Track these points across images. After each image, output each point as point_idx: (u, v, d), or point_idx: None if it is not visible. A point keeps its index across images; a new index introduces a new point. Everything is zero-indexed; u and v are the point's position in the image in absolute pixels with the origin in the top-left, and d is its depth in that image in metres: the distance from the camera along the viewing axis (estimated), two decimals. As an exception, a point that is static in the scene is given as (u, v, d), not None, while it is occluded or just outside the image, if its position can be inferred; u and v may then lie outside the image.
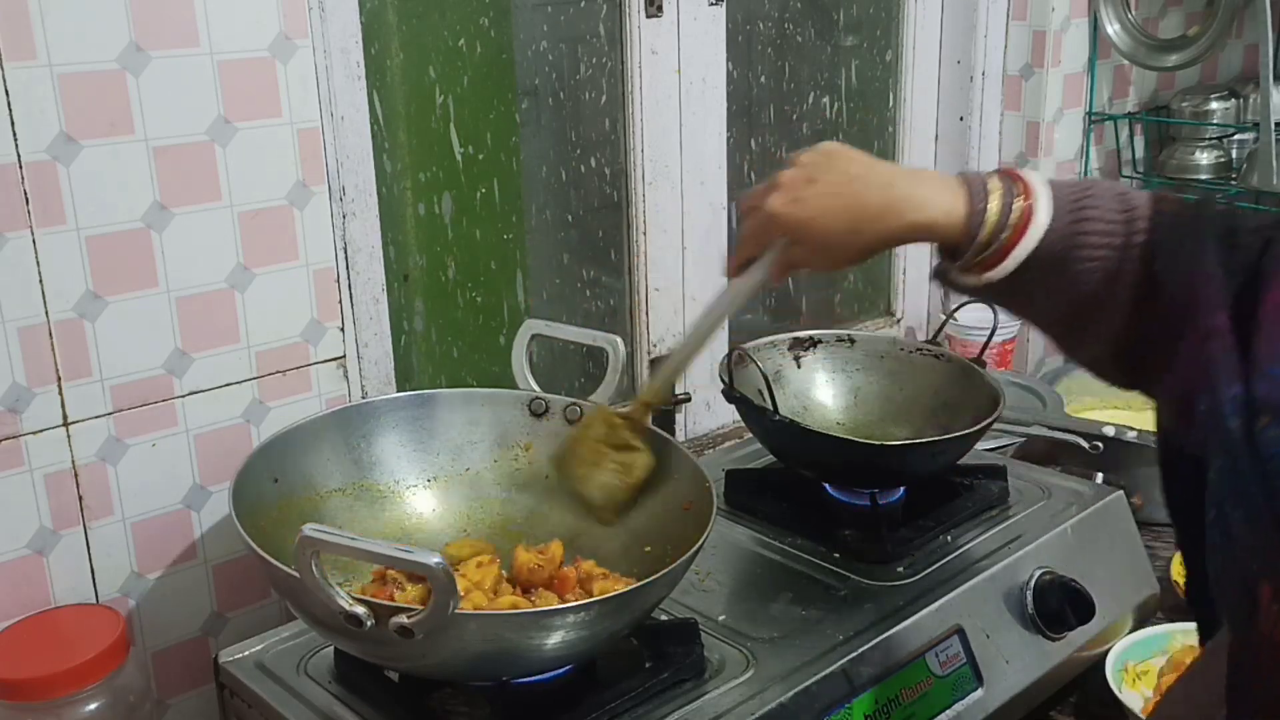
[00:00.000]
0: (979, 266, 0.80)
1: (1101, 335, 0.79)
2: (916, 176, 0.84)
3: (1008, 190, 0.79)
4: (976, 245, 0.79)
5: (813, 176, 0.86)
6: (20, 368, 1.01)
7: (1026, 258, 0.78)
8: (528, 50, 1.42)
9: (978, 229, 0.79)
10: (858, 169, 0.86)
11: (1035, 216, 0.78)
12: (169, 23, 1.03)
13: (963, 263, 0.81)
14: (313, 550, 0.80)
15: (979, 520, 1.26)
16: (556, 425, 1.18)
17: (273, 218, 1.12)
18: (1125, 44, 1.82)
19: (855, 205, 0.83)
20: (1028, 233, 0.78)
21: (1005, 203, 0.79)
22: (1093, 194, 0.79)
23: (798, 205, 0.85)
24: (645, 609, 0.97)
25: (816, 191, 0.85)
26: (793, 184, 0.87)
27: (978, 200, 0.79)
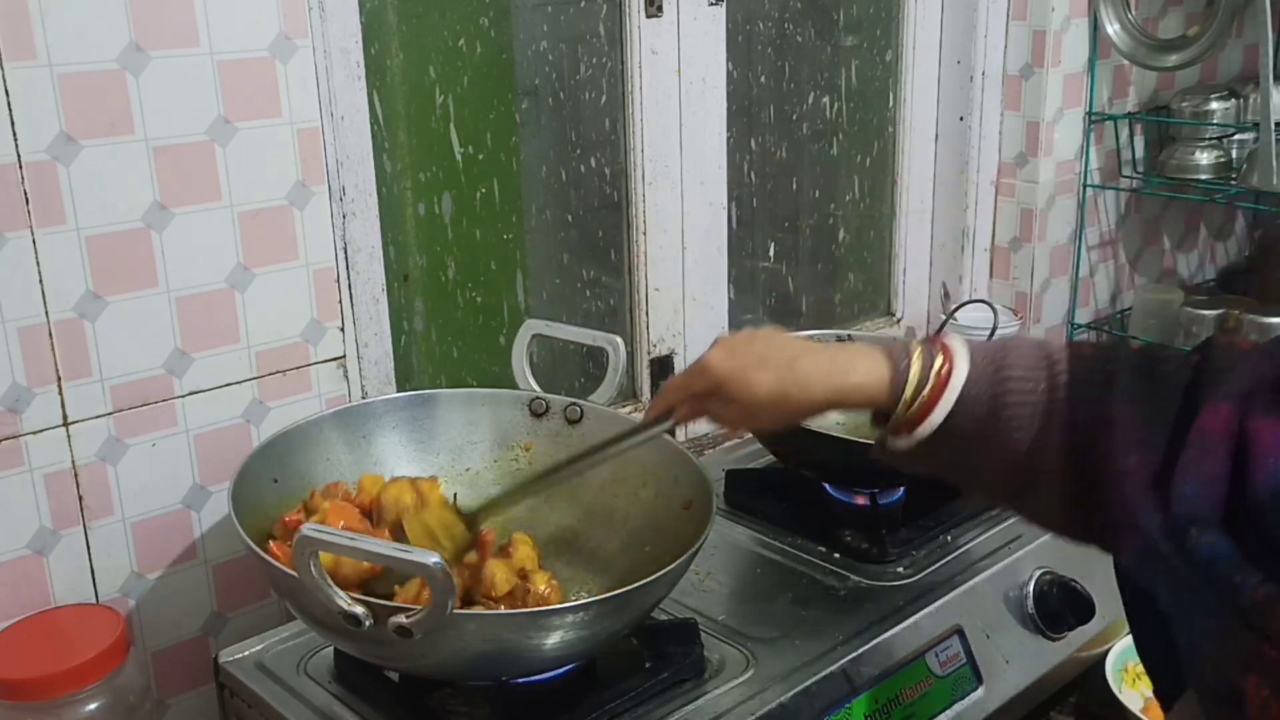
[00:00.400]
0: (908, 423, 0.82)
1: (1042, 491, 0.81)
2: (847, 349, 0.88)
3: (927, 351, 0.83)
4: (903, 402, 0.82)
5: (753, 339, 0.89)
6: (20, 368, 1.01)
7: (951, 409, 0.80)
8: (528, 50, 1.42)
9: (901, 387, 0.82)
10: (795, 343, 0.89)
11: (955, 369, 0.81)
12: (169, 23, 1.03)
13: (892, 424, 0.83)
14: (311, 550, 0.80)
15: (979, 520, 1.26)
16: (557, 425, 1.18)
17: (273, 218, 1.12)
18: (1125, 44, 1.82)
19: (788, 366, 0.86)
20: (949, 385, 0.81)
21: (926, 361, 0.82)
22: (1011, 346, 0.82)
23: (733, 356, 0.88)
24: (645, 609, 0.97)
25: (752, 349, 0.88)
26: (731, 343, 0.90)
27: (900, 362, 0.83)
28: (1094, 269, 1.97)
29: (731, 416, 0.90)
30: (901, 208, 1.88)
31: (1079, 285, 1.95)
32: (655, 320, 1.57)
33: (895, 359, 0.83)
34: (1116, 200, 1.97)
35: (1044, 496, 0.81)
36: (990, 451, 0.81)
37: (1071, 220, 1.91)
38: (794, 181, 1.77)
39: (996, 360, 0.81)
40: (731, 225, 1.63)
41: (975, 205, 1.88)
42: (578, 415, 1.17)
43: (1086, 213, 1.91)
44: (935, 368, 0.81)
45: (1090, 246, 1.95)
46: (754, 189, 1.71)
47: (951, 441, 0.81)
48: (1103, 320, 2.00)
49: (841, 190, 1.83)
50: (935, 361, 0.82)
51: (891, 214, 1.88)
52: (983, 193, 1.88)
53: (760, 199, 1.73)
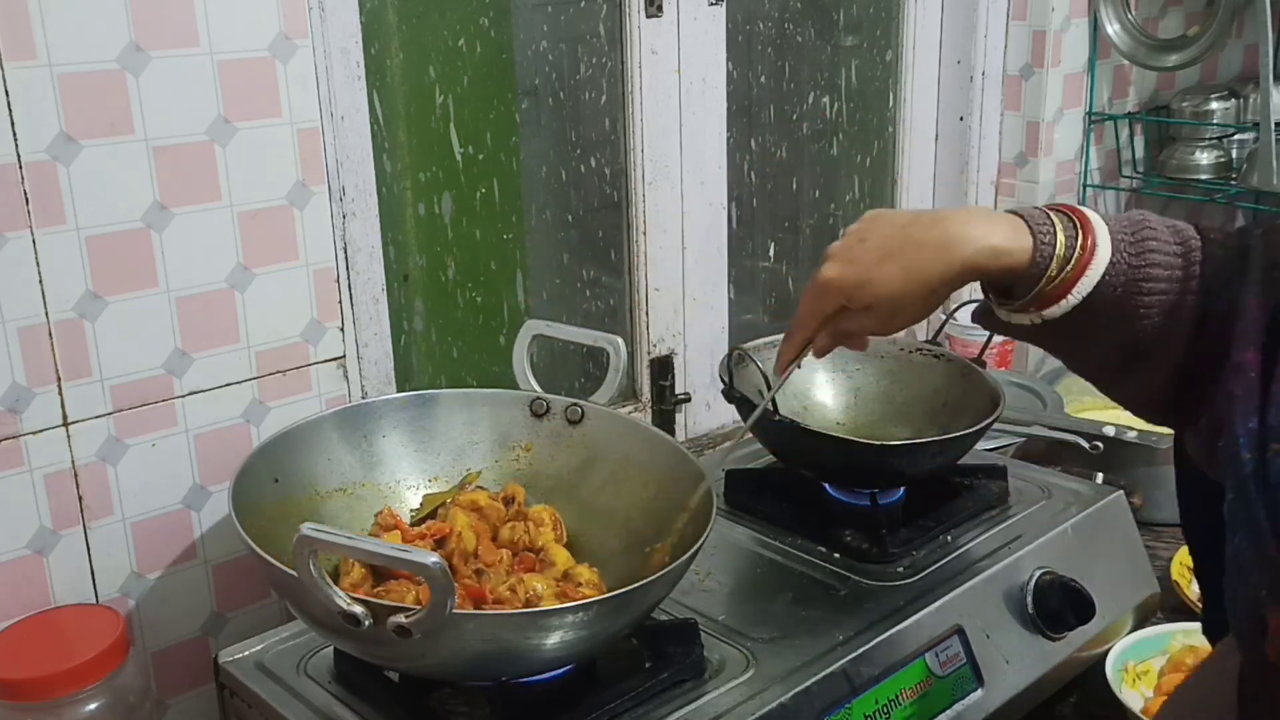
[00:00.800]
0: (1040, 302, 0.77)
1: (1156, 371, 0.77)
2: (967, 212, 0.81)
3: (1068, 224, 0.77)
4: (1046, 278, 0.76)
5: (862, 237, 0.84)
6: (20, 368, 1.01)
7: (1089, 292, 0.75)
8: (528, 50, 1.42)
9: (1045, 261, 0.76)
10: (905, 218, 0.83)
11: (1098, 250, 0.76)
12: (169, 23, 1.03)
13: (1023, 300, 0.78)
14: (311, 550, 0.80)
15: (979, 520, 1.26)
16: (558, 425, 1.18)
17: (273, 218, 1.12)
18: (1125, 44, 1.82)
19: (911, 246, 0.80)
20: (1091, 266, 0.75)
21: (1069, 234, 0.76)
22: (1149, 225, 0.77)
23: (851, 265, 0.82)
24: (645, 609, 0.97)
25: (866, 249, 0.82)
26: (842, 250, 0.84)
27: (1042, 233, 0.77)
28: (1094, 269, 1.97)
29: (873, 325, 0.85)
30: (901, 208, 1.88)
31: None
32: (655, 320, 1.57)
33: (1035, 228, 0.77)
34: (1117, 200, 1.97)
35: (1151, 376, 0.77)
36: (1116, 331, 0.76)
37: (1071, 220, 1.91)
38: (794, 181, 1.77)
39: (1136, 242, 0.76)
40: (731, 225, 1.63)
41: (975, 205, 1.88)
42: (578, 416, 1.17)
43: (1086, 213, 1.91)
44: (1079, 245, 0.75)
45: (1090, 246, 1.95)
46: (754, 189, 1.71)
47: (1079, 319, 0.76)
48: (1103, 320, 2.00)
49: (841, 190, 1.83)
50: (1078, 238, 0.76)
51: (891, 214, 1.88)
52: (983, 193, 1.88)
53: (760, 199, 1.73)
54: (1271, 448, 0.64)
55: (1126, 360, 0.78)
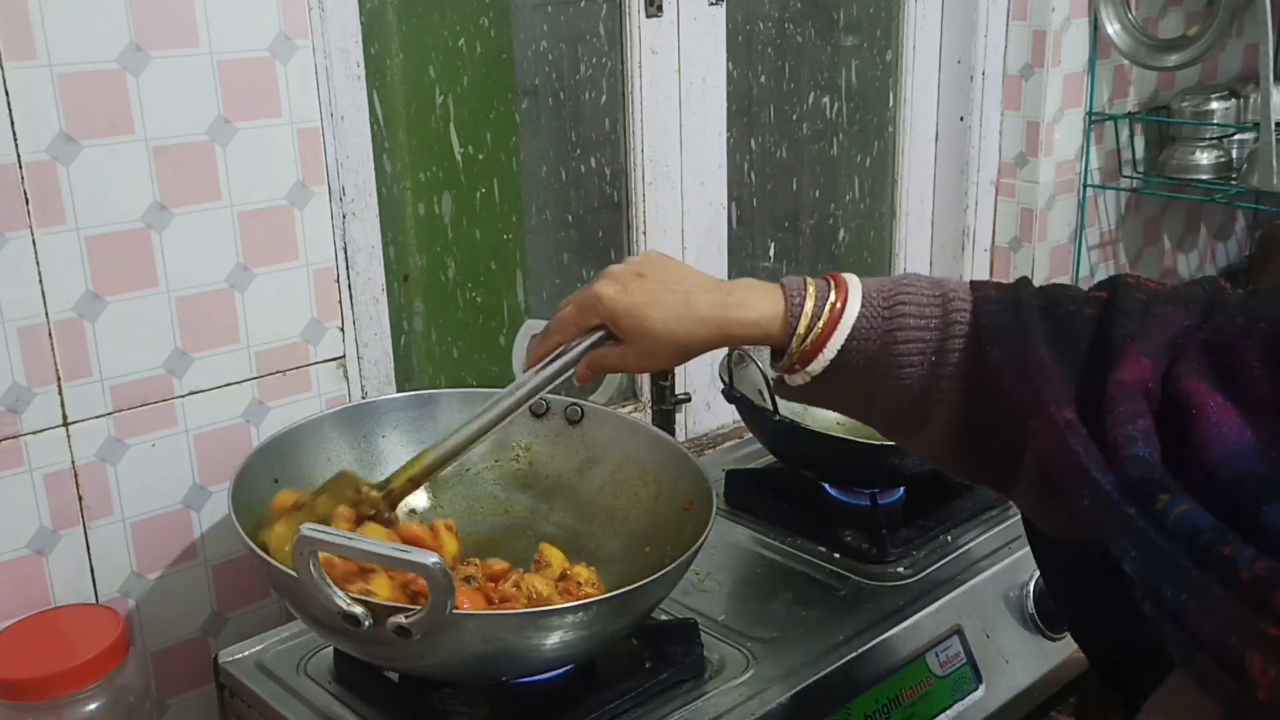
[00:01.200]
0: (800, 360, 0.82)
1: (934, 428, 0.81)
2: (739, 283, 0.87)
3: (822, 287, 0.83)
4: (796, 338, 0.81)
5: (641, 271, 0.88)
6: (20, 368, 1.01)
7: (842, 345, 0.80)
8: (528, 50, 1.42)
9: (795, 322, 0.82)
10: (685, 273, 0.89)
11: (847, 306, 0.81)
12: (169, 23, 1.03)
13: (785, 360, 0.83)
14: (311, 550, 0.80)
15: (979, 520, 1.26)
16: (557, 425, 1.18)
17: (273, 218, 1.12)
18: (1125, 44, 1.82)
19: (681, 300, 0.85)
20: (841, 320, 0.81)
21: (819, 296, 0.82)
22: (906, 284, 0.82)
23: (625, 293, 0.87)
24: (645, 609, 0.97)
25: (644, 284, 0.87)
26: (621, 275, 0.88)
27: (794, 297, 0.82)
28: (1094, 269, 1.97)
29: (625, 358, 0.89)
30: (901, 208, 1.88)
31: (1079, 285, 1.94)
32: (655, 320, 1.56)
33: (789, 294, 0.83)
34: (1117, 200, 1.97)
35: (937, 432, 0.81)
36: (882, 388, 0.81)
37: (1071, 220, 1.91)
38: (794, 181, 1.77)
39: (890, 297, 0.81)
40: (731, 225, 1.63)
41: (975, 205, 1.88)
42: (578, 415, 1.17)
43: (1087, 213, 1.92)
44: (829, 302, 0.81)
45: (1090, 246, 1.95)
46: (754, 189, 1.71)
47: (844, 377, 0.81)
48: (1103, 320, 2.00)
49: (841, 190, 1.83)
50: (829, 296, 0.81)
51: (891, 214, 1.88)
52: (983, 193, 1.88)
53: (760, 199, 1.73)
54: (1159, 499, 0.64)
55: (904, 416, 0.82)
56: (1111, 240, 1.99)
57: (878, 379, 0.80)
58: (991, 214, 1.90)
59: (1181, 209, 2.08)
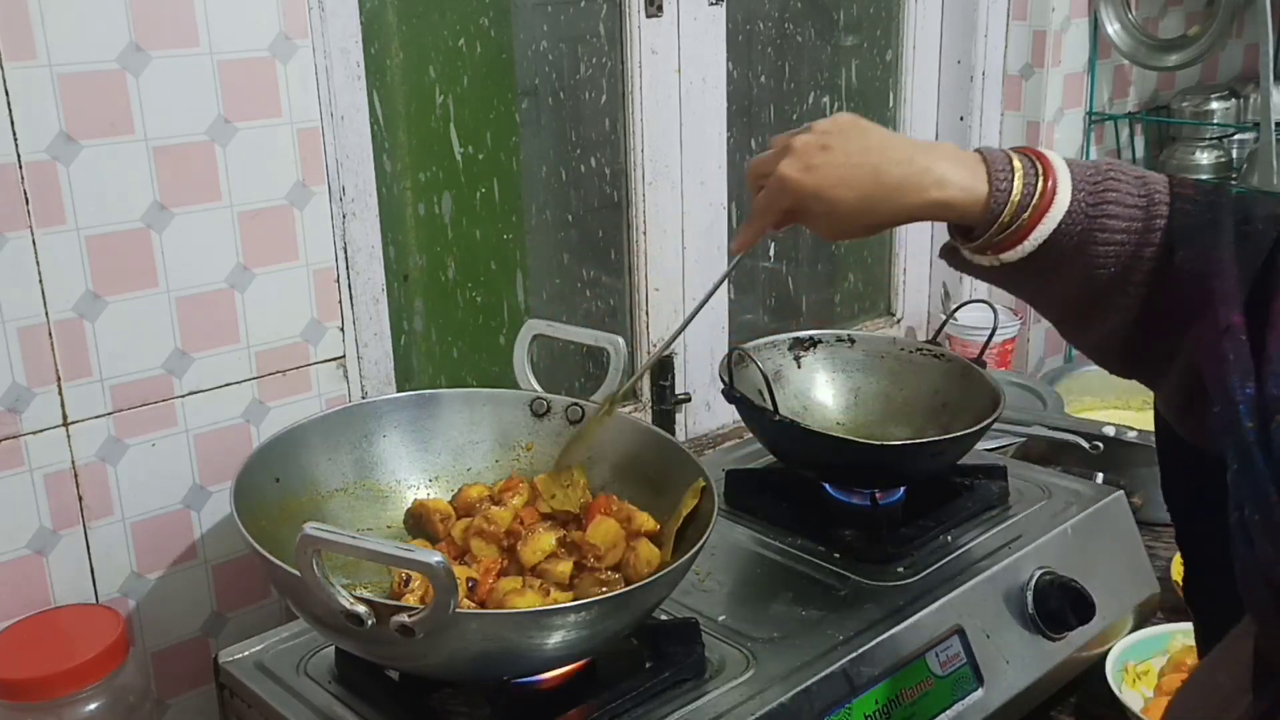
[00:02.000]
0: (995, 247, 0.78)
1: (1111, 321, 0.78)
2: (936, 150, 0.82)
3: (1029, 169, 0.78)
4: (998, 225, 0.77)
5: (828, 144, 0.84)
6: (20, 368, 1.01)
7: (1046, 239, 0.76)
8: (528, 50, 1.42)
9: (999, 209, 0.77)
10: (875, 140, 0.83)
11: (1056, 197, 0.76)
12: (169, 23, 1.03)
13: (979, 243, 0.79)
14: (314, 549, 0.80)
15: (979, 520, 1.26)
16: (558, 425, 1.18)
17: (273, 218, 1.12)
18: (1125, 44, 1.82)
19: (871, 177, 0.81)
20: (1048, 214, 0.76)
21: (1027, 182, 0.77)
22: (1113, 176, 0.78)
23: (811, 173, 0.83)
24: (645, 609, 0.97)
25: (831, 160, 0.83)
26: (806, 150, 0.84)
27: (999, 179, 0.78)
28: (1094, 269, 1.97)
29: (815, 228, 0.86)
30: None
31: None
32: (655, 320, 1.57)
33: (994, 173, 0.78)
34: (1116, 200, 1.97)
35: (1113, 319, 0.78)
36: (1072, 279, 0.77)
37: (1071, 220, 1.91)
38: (794, 181, 1.77)
39: (1097, 190, 0.77)
40: (731, 225, 1.63)
41: (975, 205, 1.88)
42: (579, 415, 1.17)
43: (1086, 213, 1.91)
44: (1037, 191, 0.77)
45: (1090, 246, 1.95)
46: (754, 189, 1.71)
47: (1036, 264, 0.77)
48: (1102, 320, 2.00)
49: (841, 190, 1.83)
50: (1037, 183, 0.77)
51: (891, 214, 1.88)
52: (983, 193, 1.88)
53: (760, 199, 1.72)
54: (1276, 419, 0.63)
55: (1086, 307, 0.78)
56: (1111, 240, 1.99)
57: (1071, 270, 0.77)
58: (991, 214, 1.89)
59: (1181, 209, 2.07)
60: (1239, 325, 0.68)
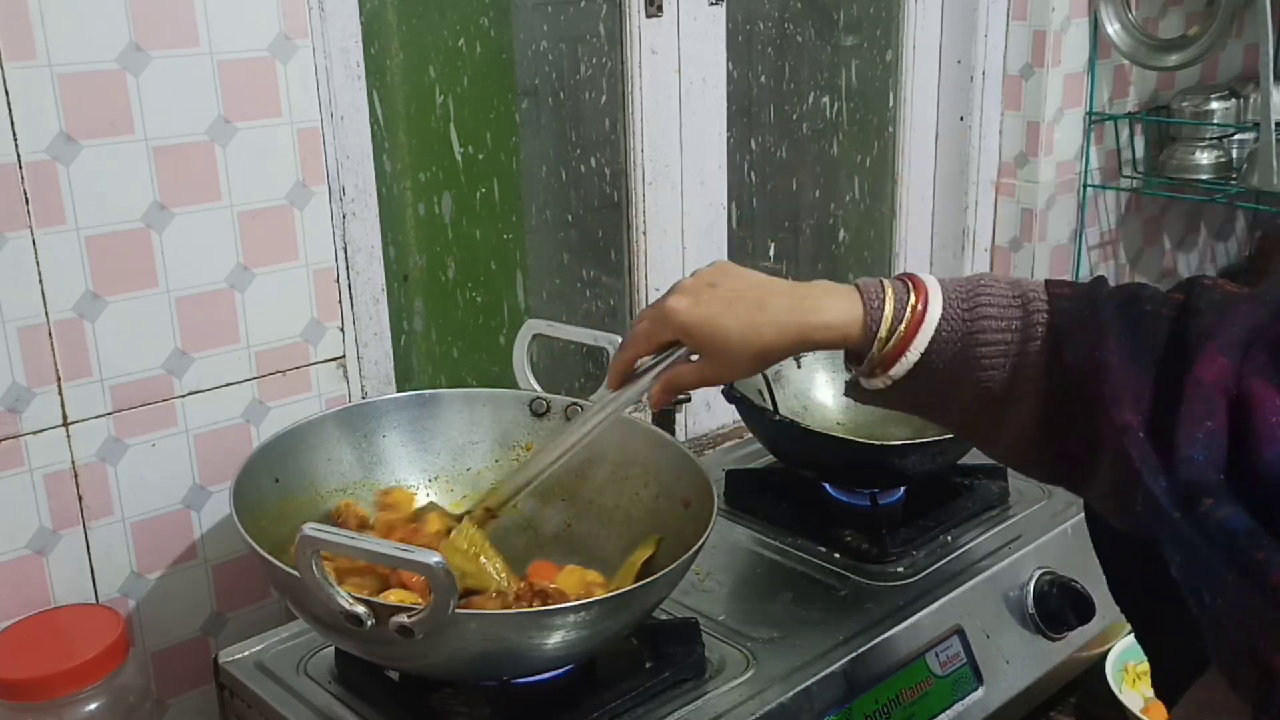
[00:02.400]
0: (882, 364, 0.81)
1: (1013, 427, 0.80)
2: (814, 285, 0.86)
3: (900, 289, 0.81)
4: (878, 341, 0.80)
5: (713, 282, 0.87)
6: (20, 368, 1.01)
7: (925, 348, 0.79)
8: (528, 50, 1.42)
9: (875, 325, 0.80)
10: (756, 279, 0.87)
11: (929, 308, 0.80)
12: (169, 23, 1.03)
13: (865, 365, 0.82)
14: (313, 549, 0.80)
15: (979, 520, 1.26)
16: (557, 425, 1.18)
17: (273, 218, 1.12)
18: (1125, 44, 1.82)
19: (755, 307, 0.84)
20: (924, 324, 0.79)
21: (899, 299, 0.81)
22: (984, 283, 0.81)
23: (697, 305, 0.85)
24: (645, 609, 0.97)
25: (716, 294, 0.86)
26: (693, 287, 0.87)
27: (872, 299, 0.81)
28: (1094, 269, 1.97)
29: (702, 372, 0.88)
30: (901, 208, 1.88)
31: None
32: (655, 320, 1.56)
33: (867, 296, 0.82)
34: (1116, 200, 1.97)
35: (1013, 434, 0.80)
36: (961, 390, 0.80)
37: (1071, 220, 1.91)
38: (794, 181, 1.77)
39: (970, 297, 0.80)
40: (731, 225, 1.63)
41: (975, 205, 1.88)
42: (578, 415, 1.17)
43: (1087, 213, 1.92)
44: (910, 305, 0.80)
45: (1090, 246, 1.95)
46: (754, 189, 1.71)
47: (924, 380, 0.80)
48: (1103, 320, 2.00)
49: (841, 190, 1.83)
50: (909, 300, 0.80)
51: (891, 214, 1.89)
52: (983, 193, 1.88)
53: (760, 199, 1.73)
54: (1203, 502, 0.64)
55: (984, 416, 0.81)
56: (1111, 240, 1.99)
57: (958, 380, 0.79)
58: (991, 214, 1.90)
59: (1181, 209, 2.08)
60: (1134, 424, 0.70)
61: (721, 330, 0.84)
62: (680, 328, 0.86)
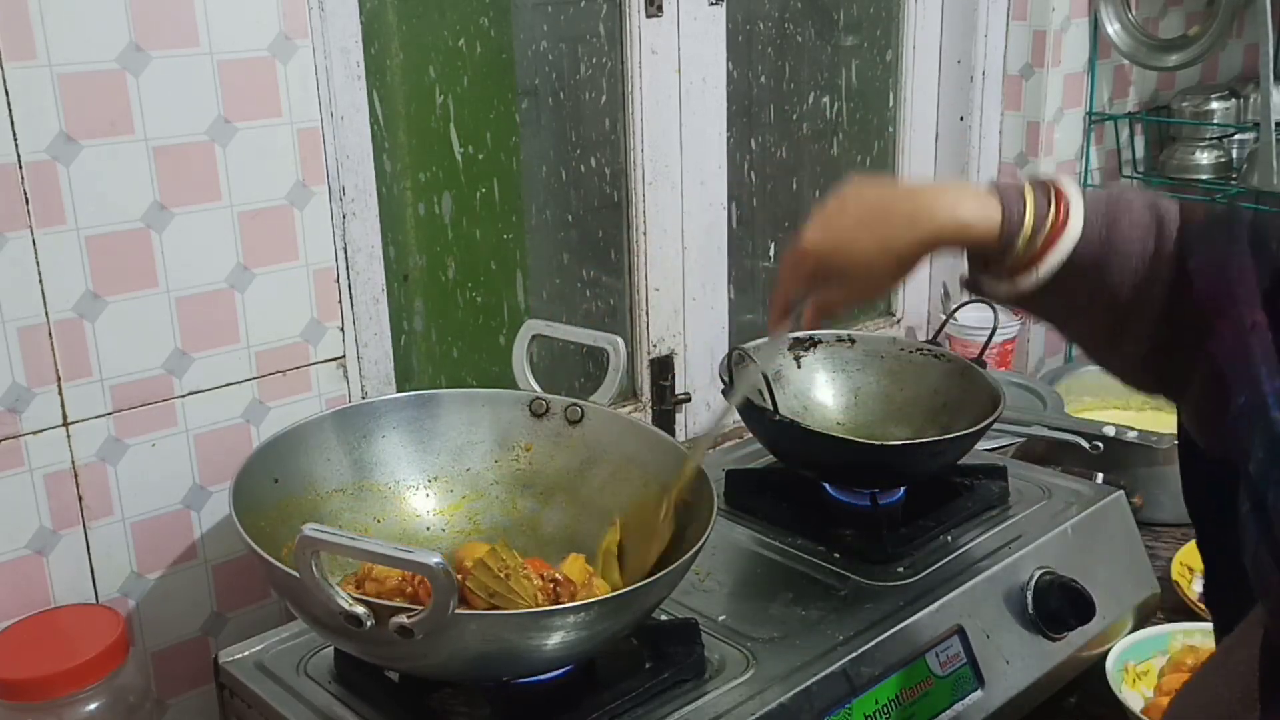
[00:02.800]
0: (1013, 272, 0.79)
1: (1134, 341, 0.79)
2: (944, 186, 0.85)
3: (1040, 196, 0.79)
4: (1014, 250, 0.79)
5: (842, 206, 0.86)
6: (20, 368, 1.01)
7: (1062, 262, 0.78)
8: (528, 50, 1.42)
9: (1014, 233, 0.78)
10: (885, 188, 0.86)
11: (1070, 221, 0.78)
12: (169, 23, 1.03)
13: (996, 270, 0.80)
14: (312, 550, 0.80)
15: (979, 520, 1.26)
16: (557, 425, 1.18)
17: (273, 218, 1.12)
18: (1125, 44, 1.82)
19: (883, 218, 0.83)
20: (1062, 237, 0.78)
21: (1040, 207, 0.79)
22: (1125, 200, 0.79)
23: (827, 233, 0.85)
24: (645, 609, 0.97)
25: (845, 217, 0.85)
26: (822, 216, 0.87)
27: (1013, 205, 0.79)
28: (1094, 269, 1.97)
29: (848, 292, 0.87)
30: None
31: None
32: (655, 320, 1.57)
33: (1007, 201, 0.80)
34: (1116, 200, 1.97)
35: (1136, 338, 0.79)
36: (1091, 303, 0.79)
37: (1071, 220, 1.91)
38: (794, 181, 1.77)
39: (1109, 215, 0.78)
40: (731, 225, 1.63)
41: (975, 205, 1.87)
42: (578, 416, 1.17)
43: (1086, 213, 1.91)
44: (1050, 219, 0.78)
45: (1090, 246, 1.95)
46: (754, 189, 1.71)
47: (1053, 288, 0.79)
48: (1103, 320, 2.00)
49: (841, 190, 1.83)
50: (1049, 212, 0.78)
51: (891, 214, 1.88)
52: (983, 193, 1.87)
53: (760, 199, 1.73)
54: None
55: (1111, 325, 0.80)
56: (1111, 240, 1.99)
57: (1088, 295, 0.78)
58: (991, 214, 1.89)
59: (1181, 209, 2.07)
60: (1263, 322, 0.69)
61: (855, 254, 0.84)
62: (817, 260, 0.86)
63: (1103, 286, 0.78)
